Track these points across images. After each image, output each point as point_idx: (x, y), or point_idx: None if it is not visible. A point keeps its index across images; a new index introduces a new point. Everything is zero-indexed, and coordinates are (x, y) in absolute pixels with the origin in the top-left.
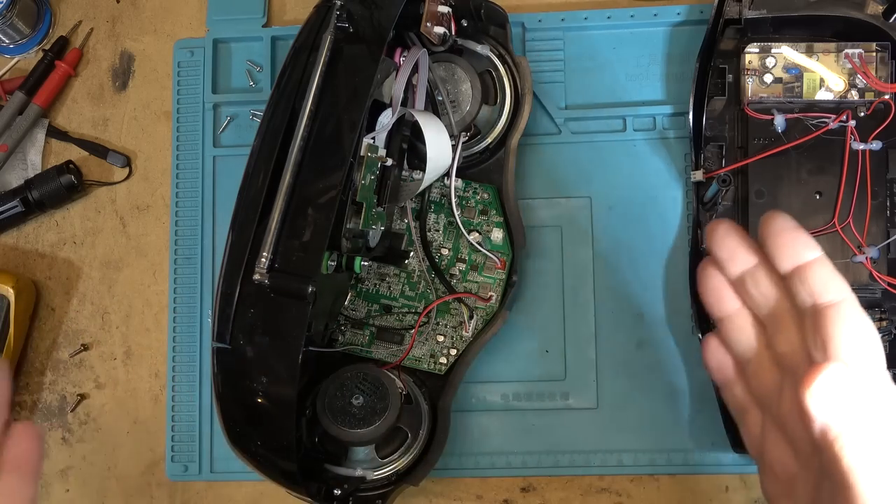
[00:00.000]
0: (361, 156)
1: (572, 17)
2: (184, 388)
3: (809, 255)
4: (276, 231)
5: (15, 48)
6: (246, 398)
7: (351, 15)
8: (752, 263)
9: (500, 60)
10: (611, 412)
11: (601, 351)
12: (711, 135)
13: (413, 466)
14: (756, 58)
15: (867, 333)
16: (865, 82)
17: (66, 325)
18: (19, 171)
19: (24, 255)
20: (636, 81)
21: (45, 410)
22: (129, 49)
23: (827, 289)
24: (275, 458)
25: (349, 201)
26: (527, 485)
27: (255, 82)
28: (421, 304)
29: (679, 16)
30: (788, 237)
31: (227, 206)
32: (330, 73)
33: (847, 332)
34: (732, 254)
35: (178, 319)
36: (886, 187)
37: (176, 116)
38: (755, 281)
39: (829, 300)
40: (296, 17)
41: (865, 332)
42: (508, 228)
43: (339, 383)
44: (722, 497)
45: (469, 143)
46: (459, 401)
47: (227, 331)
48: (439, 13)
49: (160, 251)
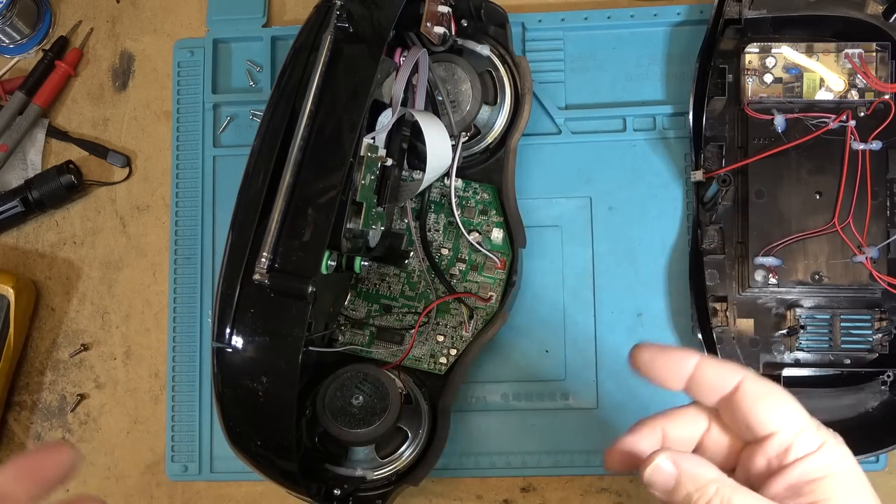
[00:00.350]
0: (361, 156)
1: (572, 17)
2: (184, 388)
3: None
4: (276, 231)
5: (15, 48)
6: (246, 398)
7: (351, 15)
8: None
9: (500, 60)
10: (611, 412)
11: (601, 351)
12: (711, 135)
13: (413, 466)
14: (756, 58)
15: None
16: (865, 82)
17: (66, 325)
18: (19, 171)
19: (24, 255)
20: (636, 81)
21: (45, 410)
22: (129, 49)
23: (724, 376)
24: (275, 458)
25: (349, 201)
26: (527, 485)
27: (255, 82)
28: (421, 304)
29: (679, 16)
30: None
31: (227, 206)
32: (330, 73)
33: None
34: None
35: (178, 319)
36: (886, 187)
37: (176, 116)
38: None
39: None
40: (296, 17)
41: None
42: (508, 228)
43: (339, 383)
44: None
45: (469, 143)
46: (459, 401)
47: (227, 331)
48: (439, 13)
49: (160, 251)
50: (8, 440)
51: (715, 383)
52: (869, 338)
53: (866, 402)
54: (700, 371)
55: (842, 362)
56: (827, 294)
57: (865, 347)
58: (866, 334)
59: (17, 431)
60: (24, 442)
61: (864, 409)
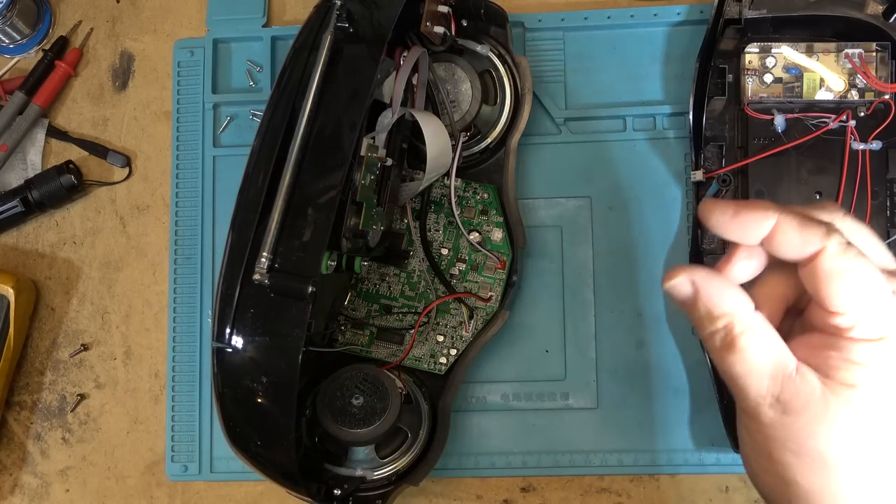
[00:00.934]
0: (361, 156)
1: (572, 17)
2: (184, 388)
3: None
4: (276, 231)
5: (15, 48)
6: (246, 398)
7: (351, 15)
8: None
9: (500, 60)
10: (611, 412)
11: (601, 351)
12: (711, 135)
13: (413, 466)
14: (756, 58)
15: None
16: (865, 82)
17: (66, 325)
18: (19, 171)
19: (24, 255)
20: (636, 81)
21: (45, 410)
22: (129, 49)
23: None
24: (275, 458)
25: (349, 201)
26: (527, 485)
27: (255, 82)
28: (421, 304)
29: (679, 16)
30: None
31: (227, 206)
32: (330, 73)
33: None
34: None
35: (178, 319)
36: (886, 187)
37: (176, 116)
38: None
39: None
40: (296, 17)
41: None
42: (508, 228)
43: (339, 383)
44: (722, 497)
45: (469, 143)
46: (459, 401)
47: (227, 331)
48: (439, 13)
49: (160, 251)
50: (8, 440)
51: (792, 249)
52: None
53: None
54: (779, 231)
55: None
56: None
57: None
58: None
59: (17, 431)
60: (24, 442)
61: None
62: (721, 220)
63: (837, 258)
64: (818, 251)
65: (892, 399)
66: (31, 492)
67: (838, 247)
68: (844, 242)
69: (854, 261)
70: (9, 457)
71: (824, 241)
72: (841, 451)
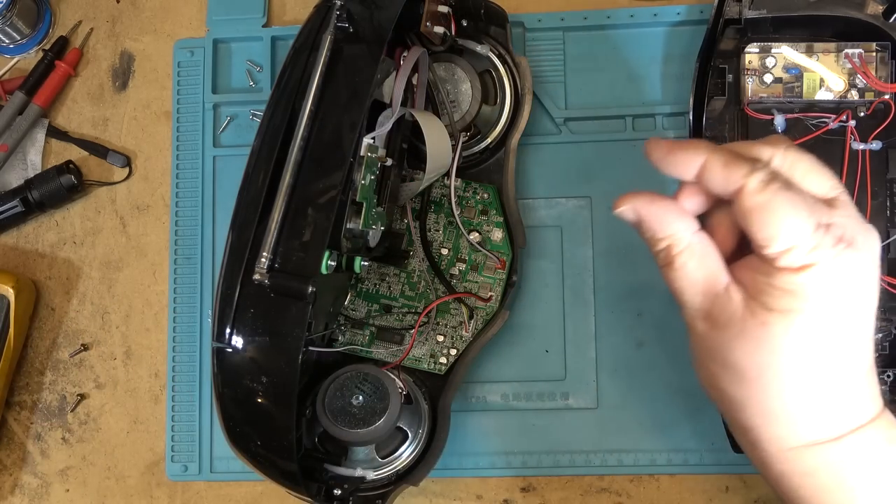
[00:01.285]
0: (361, 156)
1: (572, 17)
2: (184, 388)
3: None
4: (276, 231)
5: (15, 48)
6: (246, 398)
7: (351, 15)
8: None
9: (500, 60)
10: (611, 412)
11: (601, 351)
12: (711, 135)
13: (413, 466)
14: (756, 58)
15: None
16: (865, 82)
17: (66, 325)
18: (19, 171)
19: (24, 255)
20: (636, 81)
21: (45, 410)
22: (129, 49)
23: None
24: (275, 458)
25: (349, 201)
26: (527, 485)
27: (255, 82)
28: (421, 304)
29: (679, 16)
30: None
31: (227, 206)
32: (330, 73)
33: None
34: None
35: (178, 319)
36: (886, 187)
37: (176, 116)
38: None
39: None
40: (296, 17)
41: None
42: (508, 228)
43: (339, 383)
44: (722, 497)
45: (469, 143)
46: (459, 401)
47: (227, 331)
48: (439, 13)
49: (160, 251)
50: (8, 440)
51: (718, 186)
52: None
53: None
54: (706, 169)
55: None
56: None
57: None
58: None
59: (17, 431)
60: (24, 442)
61: None
62: (658, 156)
63: (756, 195)
64: (739, 187)
65: (810, 323)
66: (31, 492)
67: (758, 184)
68: (766, 179)
69: (774, 196)
70: (9, 457)
71: (745, 179)
72: (757, 367)
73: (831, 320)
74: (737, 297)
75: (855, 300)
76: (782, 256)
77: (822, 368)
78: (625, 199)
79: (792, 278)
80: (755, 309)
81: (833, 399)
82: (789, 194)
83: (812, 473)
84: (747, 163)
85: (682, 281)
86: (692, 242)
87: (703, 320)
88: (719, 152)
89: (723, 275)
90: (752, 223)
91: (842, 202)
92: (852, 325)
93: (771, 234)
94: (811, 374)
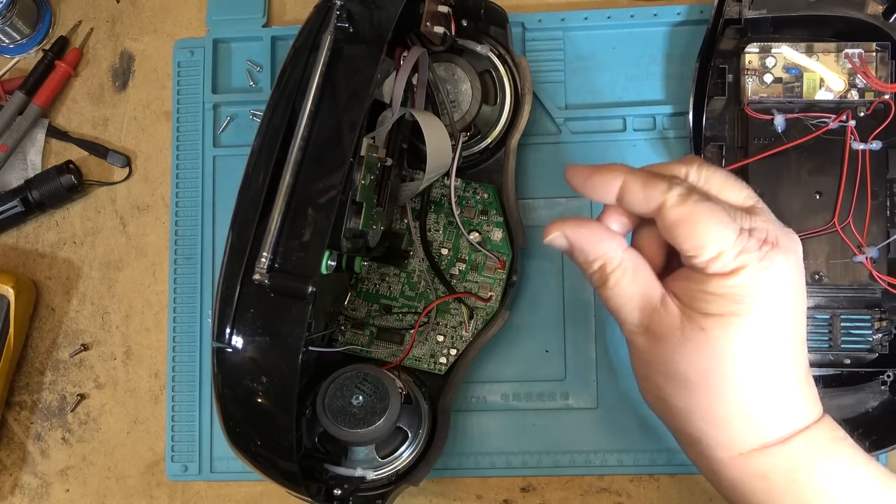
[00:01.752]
0: (361, 156)
1: (572, 17)
2: (184, 388)
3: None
4: (276, 231)
5: (15, 48)
6: (246, 398)
7: (351, 15)
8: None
9: (500, 60)
10: (611, 412)
11: (601, 351)
12: (711, 135)
13: (413, 466)
14: (756, 58)
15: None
16: (865, 82)
17: (66, 325)
18: (19, 171)
19: (24, 255)
20: (636, 81)
21: (45, 410)
22: (129, 49)
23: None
24: (275, 458)
25: (349, 201)
26: (527, 485)
27: (255, 82)
28: (421, 304)
29: (679, 16)
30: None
31: (227, 206)
32: (330, 73)
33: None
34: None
35: (178, 319)
36: (886, 187)
37: (176, 116)
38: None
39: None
40: (296, 17)
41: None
42: (508, 228)
43: (339, 383)
44: (722, 497)
45: (469, 143)
46: (459, 401)
47: (227, 331)
48: (439, 13)
49: (160, 251)
50: (8, 440)
51: (639, 206)
52: (869, 338)
53: (866, 402)
54: (625, 191)
55: (842, 362)
56: (827, 294)
57: (865, 347)
58: (866, 334)
59: (17, 431)
60: (24, 442)
61: (863, 409)
62: (578, 182)
63: (677, 208)
64: (660, 204)
65: (747, 324)
66: (31, 492)
67: (678, 198)
68: (684, 193)
69: (694, 207)
70: (9, 457)
71: (665, 195)
72: (700, 374)
73: (767, 319)
74: (673, 308)
75: (787, 298)
76: (712, 263)
77: (764, 369)
78: (553, 227)
79: (724, 282)
80: (693, 316)
81: (777, 400)
82: (709, 203)
83: (764, 476)
84: (665, 180)
85: (618, 298)
86: (624, 259)
87: (642, 335)
88: (637, 173)
89: (657, 288)
90: (677, 236)
91: (760, 209)
92: (787, 324)
93: (697, 244)
94: (754, 374)
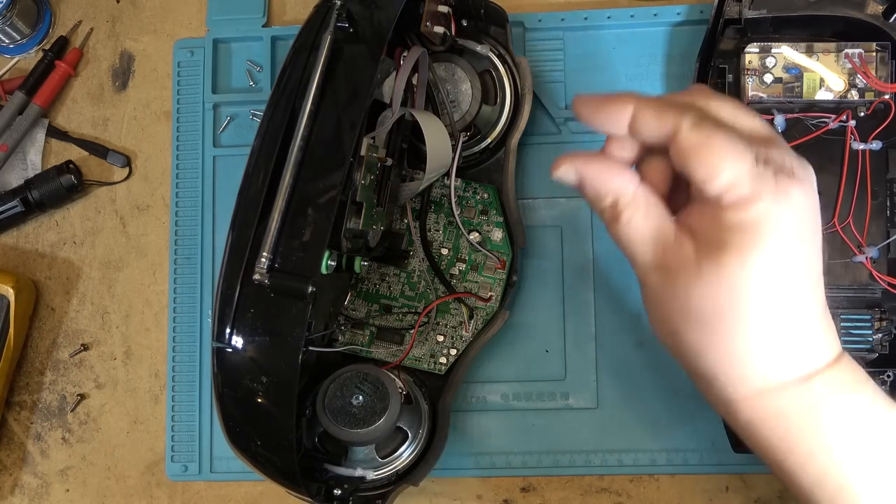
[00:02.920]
0: (361, 156)
1: (572, 17)
2: (184, 388)
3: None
4: (276, 231)
5: (15, 48)
6: (246, 398)
7: (351, 15)
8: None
9: (500, 60)
10: (611, 412)
11: (601, 351)
12: None
13: (413, 466)
14: (756, 58)
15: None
16: (865, 82)
17: (66, 325)
18: (19, 171)
19: (24, 255)
20: (636, 81)
21: (45, 410)
22: (129, 49)
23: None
24: (275, 458)
25: (349, 201)
26: (527, 485)
27: (255, 82)
28: (421, 304)
29: (679, 16)
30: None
31: (227, 206)
32: (330, 72)
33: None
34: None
35: (178, 319)
36: (886, 187)
37: (176, 116)
38: None
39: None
40: (296, 17)
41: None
42: (508, 228)
43: (339, 383)
44: (722, 497)
45: (469, 143)
46: (459, 401)
47: (227, 331)
48: (439, 13)
49: (160, 251)
50: (8, 440)
51: (652, 133)
52: (869, 338)
53: None
54: (637, 118)
55: None
56: (827, 294)
57: (865, 347)
58: (866, 334)
59: (17, 431)
60: (24, 442)
61: None
62: (587, 112)
63: (691, 135)
64: (674, 131)
65: (764, 256)
66: (31, 492)
67: (691, 125)
68: (696, 121)
69: (708, 134)
70: (9, 457)
71: (678, 122)
72: (716, 309)
73: (784, 252)
74: (687, 242)
75: (804, 230)
76: (726, 193)
77: (781, 303)
78: (563, 160)
79: (739, 214)
80: (708, 251)
81: (794, 335)
82: (724, 130)
83: (783, 416)
84: (678, 107)
85: (631, 235)
86: (637, 195)
87: (656, 272)
88: (649, 101)
89: (670, 224)
90: (691, 163)
91: (776, 139)
92: (804, 257)
93: (712, 171)
94: (771, 309)
